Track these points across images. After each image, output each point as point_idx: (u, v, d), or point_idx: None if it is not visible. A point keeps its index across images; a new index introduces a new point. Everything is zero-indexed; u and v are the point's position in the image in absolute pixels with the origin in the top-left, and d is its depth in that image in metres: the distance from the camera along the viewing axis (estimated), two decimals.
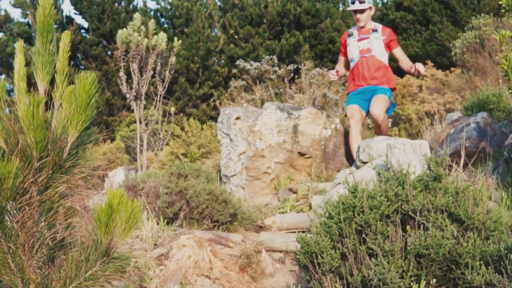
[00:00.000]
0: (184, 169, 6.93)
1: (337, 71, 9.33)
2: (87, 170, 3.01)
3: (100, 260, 2.89)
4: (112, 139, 16.62)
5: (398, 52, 9.36)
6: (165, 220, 6.32)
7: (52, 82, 2.93)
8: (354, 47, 9.15)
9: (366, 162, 6.41)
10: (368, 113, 8.95)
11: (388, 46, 9.23)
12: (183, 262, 5.30)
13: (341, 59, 9.51)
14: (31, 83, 3.57)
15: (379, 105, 8.68)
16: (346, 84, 9.56)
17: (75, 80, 2.88)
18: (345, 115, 9.31)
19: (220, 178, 8.34)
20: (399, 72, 16.37)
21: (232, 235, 6.17)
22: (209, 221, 6.51)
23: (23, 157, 2.81)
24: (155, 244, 5.94)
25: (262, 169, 8.18)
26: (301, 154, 8.63)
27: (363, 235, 4.49)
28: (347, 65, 9.40)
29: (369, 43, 9.08)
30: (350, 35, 9.28)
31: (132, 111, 15.70)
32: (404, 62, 9.31)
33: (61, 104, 2.93)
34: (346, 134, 8.95)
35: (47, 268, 2.88)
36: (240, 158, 8.31)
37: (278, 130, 8.48)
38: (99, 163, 3.09)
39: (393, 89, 9.30)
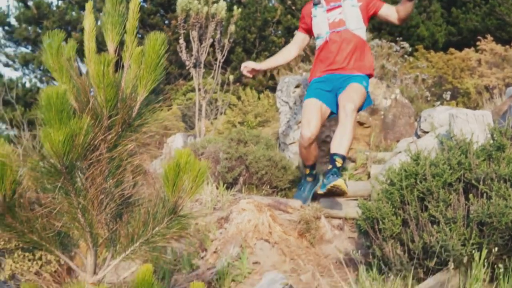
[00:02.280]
0: (244, 135, 6.97)
1: (251, 69, 6.88)
2: (156, 129, 3.06)
3: (167, 218, 2.94)
4: (169, 107, 16.75)
5: (387, 9, 6.80)
6: (225, 185, 6.37)
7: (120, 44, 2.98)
8: (321, 19, 6.84)
9: (427, 132, 6.36)
10: (335, 112, 6.60)
11: (367, 12, 6.81)
12: (243, 225, 5.34)
13: (298, 36, 7.21)
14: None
15: (352, 97, 6.36)
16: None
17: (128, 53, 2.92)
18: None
19: (279, 145, 8.35)
20: (457, 45, 16.19)
21: (291, 201, 6.19)
22: (268, 187, 6.55)
23: (94, 115, 2.86)
24: (214, 208, 5.99)
25: (321, 137, 8.16)
26: (360, 124, 8.58)
27: (425, 203, 4.47)
28: (301, 46, 7.22)
29: (341, 14, 6.76)
30: (316, 3, 6.90)
31: (189, 80, 15.79)
32: (399, 9, 6.66)
33: (129, 65, 2.97)
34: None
35: (115, 224, 2.94)
36: (299, 126, 8.29)
37: None
38: (167, 122, 3.13)
39: (370, 76, 6.86)
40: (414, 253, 4.34)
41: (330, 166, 6.18)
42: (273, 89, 14.31)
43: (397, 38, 14.05)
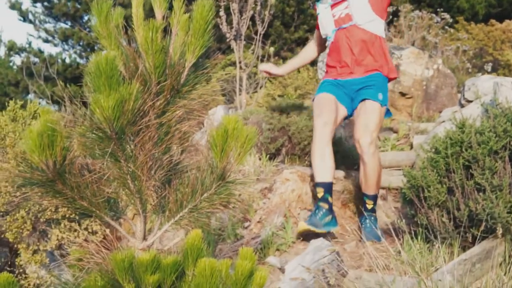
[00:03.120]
0: (286, 106, 6.97)
1: (268, 71, 6.35)
2: (204, 95, 3.07)
3: (216, 184, 2.95)
4: (207, 81, 16.73)
5: None
6: (267, 156, 6.38)
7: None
8: (326, 17, 5.90)
9: (471, 101, 6.31)
10: (350, 115, 5.82)
11: (382, 1, 5.76)
12: (286, 195, 5.36)
13: (315, 34, 6.42)
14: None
15: (367, 125, 5.41)
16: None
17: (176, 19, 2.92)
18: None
19: None
20: (497, 17, 15.95)
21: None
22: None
23: (142, 82, 2.87)
24: (257, 179, 6.01)
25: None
26: (402, 94, 8.54)
27: (471, 170, 4.44)
28: (321, 42, 6.25)
29: (348, 8, 5.74)
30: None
31: (228, 54, 15.76)
32: None
33: (177, 32, 2.97)
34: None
35: (163, 190, 2.96)
36: None
37: None
38: (215, 88, 3.14)
39: (391, 79, 5.86)
40: (459, 221, 4.32)
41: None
42: (313, 62, 14.25)
43: (437, 10, 13.91)
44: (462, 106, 6.56)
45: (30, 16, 19.56)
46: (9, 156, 4.86)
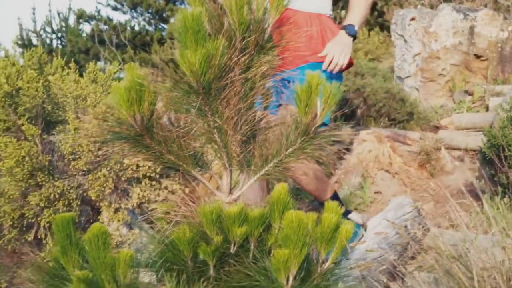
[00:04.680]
0: (361, 68, 6.92)
1: None
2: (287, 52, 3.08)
3: (300, 139, 2.96)
4: None
5: None
6: (342, 118, 6.37)
7: None
8: None
9: None
10: None
11: None
12: (364, 156, 5.35)
13: None
14: None
15: None
16: None
17: None
18: None
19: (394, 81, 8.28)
20: None
21: (410, 133, 6.15)
22: (386, 119, 6.52)
23: (227, 38, 2.89)
24: (333, 140, 5.99)
25: (437, 70, 8.03)
26: (477, 56, 8.40)
27: None
28: None
29: None
30: None
31: None
32: None
33: None
34: None
35: (249, 144, 2.99)
36: (414, 60, 8.19)
37: (454, 31, 8.27)
38: (298, 44, 3.14)
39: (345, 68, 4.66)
40: None
41: None
42: (383, 26, 14.10)
43: None
44: None
45: None
46: (90, 116, 4.94)
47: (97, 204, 5.11)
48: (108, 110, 4.79)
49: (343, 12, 10.88)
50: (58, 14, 19.39)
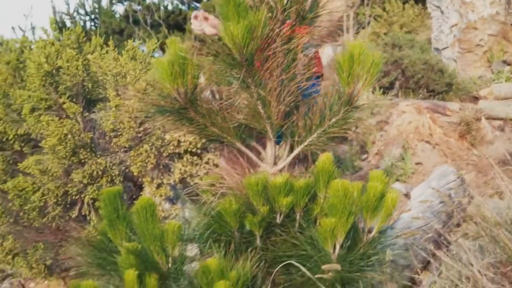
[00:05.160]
0: (398, 40, 6.88)
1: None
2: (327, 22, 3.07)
3: (343, 109, 2.96)
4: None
5: None
6: (381, 90, 6.34)
7: None
8: None
9: None
10: None
11: None
12: (403, 127, 5.33)
13: None
14: None
15: None
16: None
17: None
18: None
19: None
20: None
21: (449, 104, 6.11)
22: (425, 90, 6.48)
23: (268, 9, 2.89)
24: (371, 113, 5.99)
25: (475, 41, 7.96)
26: None
27: None
28: None
29: None
30: None
31: None
32: None
33: None
34: None
35: (292, 115, 2.99)
36: (451, 31, 8.12)
37: (491, 1, 8.18)
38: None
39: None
40: None
41: None
42: None
43: None
44: None
45: None
46: (130, 93, 4.97)
47: (140, 180, 5.14)
48: (149, 86, 4.81)
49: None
50: None
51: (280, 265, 2.64)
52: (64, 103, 5.09)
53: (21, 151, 5.55)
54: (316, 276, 2.55)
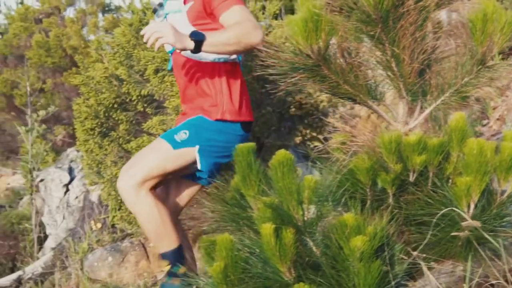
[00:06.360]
0: None
1: None
2: None
3: (476, 68, 2.93)
4: None
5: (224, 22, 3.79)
6: (500, 55, 6.21)
7: None
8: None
9: None
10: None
11: (211, 17, 3.88)
12: None
13: None
14: None
15: (136, 161, 3.93)
16: None
17: None
18: None
19: None
20: None
21: None
22: None
23: None
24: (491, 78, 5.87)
25: None
26: None
27: None
28: None
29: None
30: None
31: None
32: None
33: None
34: None
35: (424, 74, 2.97)
36: None
37: None
38: None
39: (236, 121, 4.03)
40: None
41: None
42: None
43: None
44: None
45: None
46: (252, 54, 5.01)
47: (261, 141, 5.20)
48: (286, 41, 4.82)
49: None
50: None
51: (414, 223, 2.65)
52: None
53: (144, 112, 5.68)
54: (451, 234, 2.55)
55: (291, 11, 11.79)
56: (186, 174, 4.08)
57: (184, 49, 3.60)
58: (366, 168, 2.68)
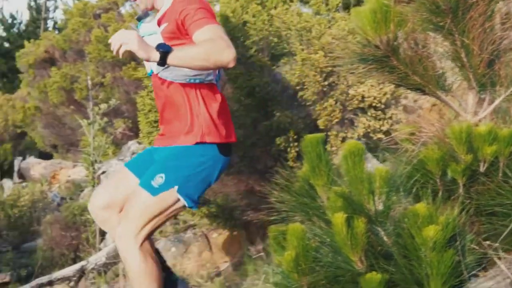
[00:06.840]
0: None
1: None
2: None
3: None
4: None
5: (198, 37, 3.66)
6: None
7: None
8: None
9: None
10: None
11: (186, 37, 3.78)
12: None
13: None
14: None
15: (129, 212, 3.85)
16: None
17: None
18: None
19: None
20: None
21: None
22: None
23: None
24: None
25: None
26: None
27: None
28: None
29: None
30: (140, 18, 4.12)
31: None
32: None
33: None
34: None
35: (494, 65, 2.95)
36: None
37: None
38: None
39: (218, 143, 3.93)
40: None
41: None
42: None
43: None
44: None
45: None
46: (315, 47, 5.03)
47: (326, 133, 5.19)
48: (335, 40, 4.85)
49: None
50: None
51: (485, 214, 2.64)
52: (252, 56, 5.22)
53: None
54: None
55: (345, 4, 11.74)
56: None
57: (148, 60, 3.54)
58: (436, 159, 2.68)
